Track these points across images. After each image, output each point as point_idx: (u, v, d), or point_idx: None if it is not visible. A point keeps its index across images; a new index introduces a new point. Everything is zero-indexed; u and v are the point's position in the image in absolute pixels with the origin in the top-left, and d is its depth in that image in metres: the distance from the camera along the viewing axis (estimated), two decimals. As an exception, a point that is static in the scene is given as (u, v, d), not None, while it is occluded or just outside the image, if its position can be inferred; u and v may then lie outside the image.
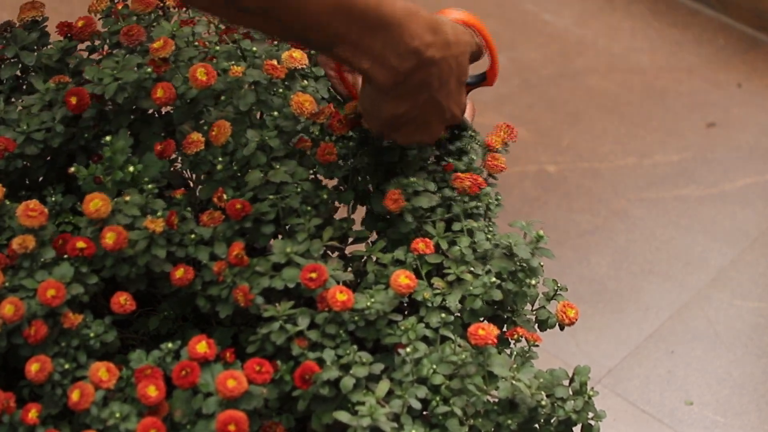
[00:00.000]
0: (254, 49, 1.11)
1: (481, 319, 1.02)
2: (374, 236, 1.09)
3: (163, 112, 1.13)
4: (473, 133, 1.11)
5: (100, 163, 1.00)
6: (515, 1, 2.52)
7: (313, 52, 1.14)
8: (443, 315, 0.98)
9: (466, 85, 1.06)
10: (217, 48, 1.12)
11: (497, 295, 1.00)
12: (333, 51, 0.95)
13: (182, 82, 1.08)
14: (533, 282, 1.03)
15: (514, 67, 2.36)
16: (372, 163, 1.09)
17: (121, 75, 1.07)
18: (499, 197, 1.08)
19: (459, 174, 1.07)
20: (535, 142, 2.18)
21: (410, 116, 1.00)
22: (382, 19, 0.93)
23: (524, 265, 1.03)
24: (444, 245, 1.03)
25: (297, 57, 1.10)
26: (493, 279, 0.99)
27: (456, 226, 1.05)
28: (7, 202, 1.02)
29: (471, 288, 1.00)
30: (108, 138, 1.00)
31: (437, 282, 1.01)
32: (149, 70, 1.08)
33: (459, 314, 1.01)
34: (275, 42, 1.16)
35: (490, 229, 1.05)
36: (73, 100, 1.07)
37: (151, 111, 1.12)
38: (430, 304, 0.99)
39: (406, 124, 1.01)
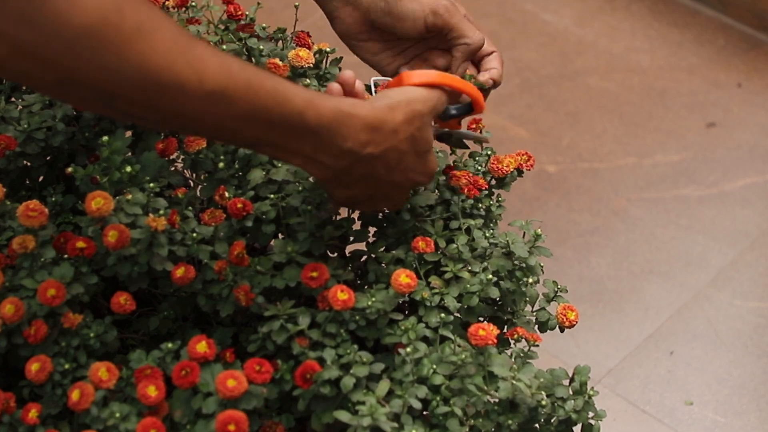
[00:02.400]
0: (261, 47, 1.11)
1: (480, 318, 1.02)
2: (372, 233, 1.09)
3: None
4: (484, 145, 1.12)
5: (97, 164, 1.00)
6: (515, 0, 2.52)
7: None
8: (442, 315, 0.98)
9: (452, 116, 1.04)
10: (223, 47, 1.11)
11: (494, 293, 1.00)
12: (255, 150, 0.91)
13: None
14: (531, 281, 1.03)
15: (514, 67, 2.36)
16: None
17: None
18: (501, 199, 1.08)
19: (455, 172, 1.07)
20: (535, 142, 2.18)
21: (364, 196, 0.98)
22: (307, 125, 0.88)
23: (523, 264, 1.03)
24: (442, 243, 1.03)
25: (303, 56, 1.10)
26: (490, 276, 0.99)
27: (454, 224, 1.05)
28: (7, 202, 1.02)
29: (468, 286, 1.00)
30: (105, 138, 1.00)
31: (434, 281, 1.01)
32: None
33: (458, 314, 1.01)
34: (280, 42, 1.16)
35: (489, 228, 1.05)
36: None
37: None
38: (428, 304, 0.99)
39: (363, 201, 0.99)
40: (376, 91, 1.05)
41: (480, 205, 1.07)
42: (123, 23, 0.78)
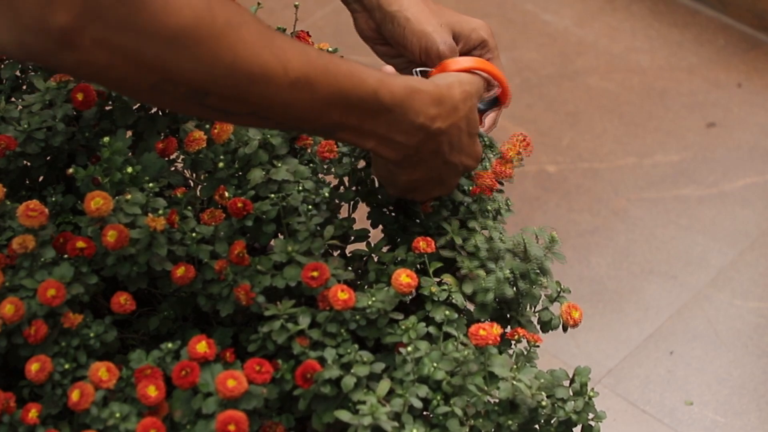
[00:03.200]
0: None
1: (485, 319, 1.02)
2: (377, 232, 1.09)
3: (167, 111, 1.13)
4: (488, 141, 1.12)
5: (98, 165, 1.00)
6: (515, 1, 2.52)
7: None
8: (447, 312, 0.98)
9: (480, 111, 1.08)
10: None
11: (509, 291, 1.00)
12: (334, 136, 0.94)
13: None
14: (545, 282, 1.03)
15: (514, 67, 2.36)
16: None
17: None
18: (510, 203, 1.09)
19: (480, 172, 1.08)
20: (535, 142, 2.18)
21: (424, 179, 1.01)
22: (382, 104, 0.92)
23: (538, 270, 1.03)
24: (458, 241, 1.04)
25: None
26: (507, 273, 1.00)
27: (471, 224, 1.06)
28: (7, 202, 1.02)
29: (483, 282, 1.00)
30: (106, 139, 1.00)
31: (446, 278, 1.01)
32: None
33: (463, 314, 1.01)
34: None
35: (500, 231, 1.05)
36: (80, 97, 1.07)
37: (155, 110, 1.12)
38: (436, 299, 0.99)
39: (422, 186, 1.02)
40: None
41: (488, 207, 1.08)
42: (214, 20, 0.81)
